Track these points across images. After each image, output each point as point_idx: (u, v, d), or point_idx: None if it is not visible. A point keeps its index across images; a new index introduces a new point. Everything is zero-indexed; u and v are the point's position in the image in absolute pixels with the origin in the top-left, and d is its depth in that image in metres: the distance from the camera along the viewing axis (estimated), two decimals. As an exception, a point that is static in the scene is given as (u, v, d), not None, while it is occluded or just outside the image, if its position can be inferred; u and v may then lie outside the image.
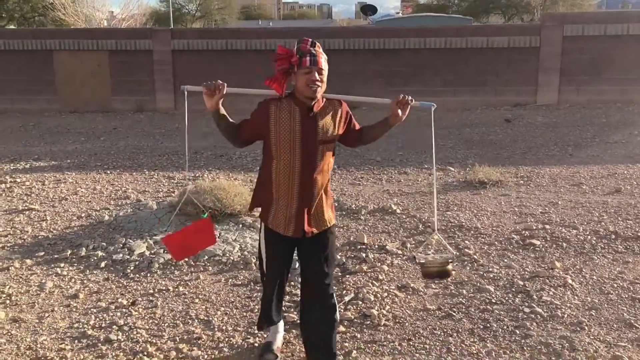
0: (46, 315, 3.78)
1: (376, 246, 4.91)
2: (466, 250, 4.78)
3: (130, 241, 4.98)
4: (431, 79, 13.49)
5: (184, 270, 4.46)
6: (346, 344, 3.36)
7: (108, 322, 3.67)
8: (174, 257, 3.07)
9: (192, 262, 4.58)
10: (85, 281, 4.31)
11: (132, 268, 4.50)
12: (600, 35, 12.99)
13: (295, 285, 4.04)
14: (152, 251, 4.79)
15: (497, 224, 5.43)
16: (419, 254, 3.02)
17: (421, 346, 3.35)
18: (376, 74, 13.44)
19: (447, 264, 2.98)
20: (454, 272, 3.81)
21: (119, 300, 3.98)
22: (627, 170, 7.37)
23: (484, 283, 4.15)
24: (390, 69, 13.54)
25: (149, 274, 4.40)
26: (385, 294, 4.00)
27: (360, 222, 5.53)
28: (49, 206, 6.21)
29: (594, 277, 4.23)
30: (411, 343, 3.39)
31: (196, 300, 3.97)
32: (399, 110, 2.88)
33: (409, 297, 3.98)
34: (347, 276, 4.31)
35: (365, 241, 4.98)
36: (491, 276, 4.28)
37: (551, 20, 13.37)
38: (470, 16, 24.77)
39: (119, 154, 9.05)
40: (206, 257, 4.65)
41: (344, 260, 4.58)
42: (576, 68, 13.15)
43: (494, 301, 3.88)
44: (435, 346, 3.35)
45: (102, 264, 4.57)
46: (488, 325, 3.57)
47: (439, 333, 3.49)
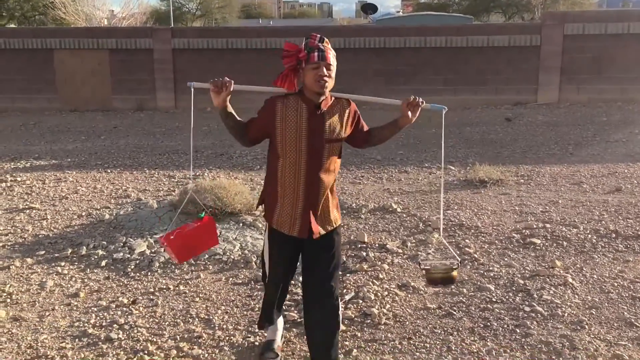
0: (47, 314, 3.78)
1: (376, 245, 4.91)
2: (466, 249, 4.78)
3: (131, 240, 4.99)
4: (432, 77, 13.48)
5: (185, 269, 4.47)
6: (347, 343, 3.36)
7: (109, 320, 3.68)
8: (175, 260, 3.00)
9: (192, 261, 4.58)
10: (85, 280, 4.31)
11: (132, 267, 4.50)
12: (600, 34, 12.98)
13: (294, 284, 4.04)
14: (153, 250, 4.79)
15: (497, 222, 5.43)
16: (424, 260, 3.00)
17: (421, 345, 3.35)
18: (377, 73, 13.44)
19: (452, 270, 2.92)
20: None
21: (120, 299, 3.98)
22: (628, 169, 7.37)
23: (485, 282, 4.15)
24: (390, 68, 13.53)
25: (149, 273, 4.40)
26: (386, 293, 4.00)
27: (361, 221, 5.54)
28: (49, 205, 6.21)
29: (595, 276, 4.23)
30: (411, 342, 3.39)
31: (197, 299, 3.98)
32: (409, 112, 2.83)
33: (409, 296, 3.98)
34: (348, 275, 4.31)
35: (366, 240, 4.98)
36: (491, 275, 4.28)
37: (552, 19, 13.36)
38: (471, 15, 24.77)
39: (120, 152, 9.05)
40: (206, 256, 4.66)
41: (344, 259, 4.58)
42: (577, 67, 13.14)
43: (494, 300, 3.88)
44: (436, 345, 3.35)
45: (103, 263, 4.58)
46: (488, 324, 3.57)
47: (439, 332, 3.49)
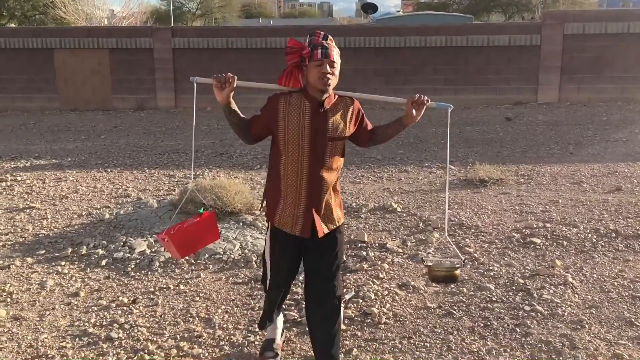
0: (47, 313, 3.78)
1: (377, 244, 4.91)
2: (467, 248, 4.78)
3: (131, 239, 4.99)
4: (432, 77, 13.49)
5: (185, 269, 4.47)
6: (347, 342, 3.36)
7: (109, 320, 3.68)
8: (176, 255, 2.95)
9: (192, 261, 4.58)
10: (86, 279, 4.31)
11: (132, 266, 4.51)
12: (601, 34, 12.99)
13: (294, 283, 4.03)
14: (153, 249, 4.79)
15: (497, 222, 5.43)
16: (427, 257, 2.98)
17: (421, 344, 3.35)
18: (377, 73, 13.45)
19: (455, 269, 2.90)
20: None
21: (120, 298, 3.98)
22: (628, 169, 7.37)
23: (485, 281, 4.15)
24: (390, 67, 13.54)
25: (149, 272, 4.40)
26: (386, 292, 4.00)
27: (361, 221, 5.54)
28: (49, 204, 6.21)
29: (595, 276, 4.23)
30: (412, 341, 3.39)
31: (197, 299, 3.98)
32: (414, 110, 2.80)
33: (409, 295, 3.98)
34: (348, 274, 4.31)
35: (366, 239, 4.98)
36: (491, 274, 4.28)
37: (552, 19, 13.37)
38: (471, 14, 24.75)
39: (120, 152, 9.05)
40: (207, 255, 4.66)
41: (344, 259, 4.59)
42: (577, 66, 13.15)
43: (494, 299, 3.88)
44: (436, 344, 3.35)
45: (103, 262, 4.58)
46: (488, 323, 3.57)
47: (439, 331, 3.49)
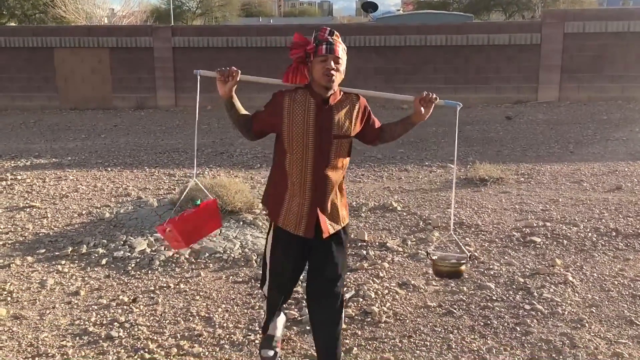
0: (47, 312, 3.79)
1: (377, 243, 4.91)
2: (467, 247, 4.78)
3: (131, 238, 4.99)
4: (432, 76, 13.49)
5: (185, 268, 4.47)
6: (347, 341, 3.36)
7: (109, 319, 3.68)
8: (179, 245, 2.88)
9: (192, 260, 4.58)
10: (86, 278, 4.31)
11: (133, 265, 4.51)
12: (601, 33, 12.98)
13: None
14: (153, 248, 4.79)
15: (497, 221, 5.43)
16: (433, 250, 2.95)
17: (422, 343, 3.35)
18: (377, 71, 13.45)
19: (460, 265, 2.86)
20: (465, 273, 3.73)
21: (120, 297, 3.99)
22: (628, 168, 7.37)
23: (485, 280, 4.15)
24: (391, 66, 13.54)
25: (149, 271, 4.40)
26: (386, 291, 4.00)
27: (361, 220, 5.54)
28: (49, 203, 6.21)
29: (595, 274, 4.23)
30: (412, 340, 3.39)
31: (197, 297, 3.98)
32: (422, 108, 2.76)
33: (409, 294, 3.98)
34: (348, 273, 4.30)
35: (366, 238, 4.98)
36: (492, 273, 4.28)
37: (552, 18, 13.36)
38: (471, 13, 24.73)
39: (120, 151, 9.05)
40: (207, 254, 4.66)
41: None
42: (577, 65, 13.15)
43: (494, 298, 3.88)
44: (436, 343, 3.35)
45: (103, 261, 4.58)
46: (489, 322, 3.57)
47: (439, 330, 3.49)
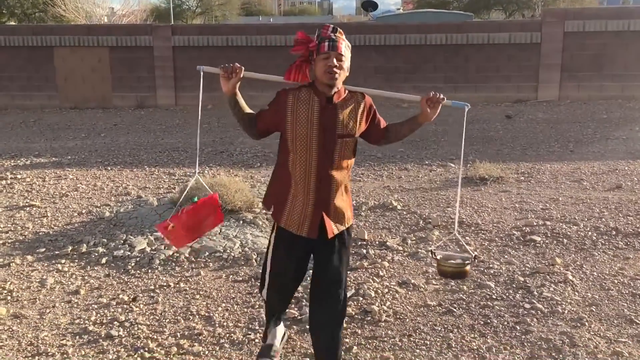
0: (47, 311, 3.79)
1: (377, 242, 4.91)
2: (467, 246, 4.77)
3: (131, 237, 4.99)
4: (432, 75, 13.49)
5: (185, 267, 4.47)
6: (347, 340, 3.36)
7: (109, 318, 3.68)
8: (182, 241, 2.84)
9: (192, 259, 4.58)
10: (86, 277, 4.32)
11: (133, 264, 4.50)
12: (601, 31, 12.98)
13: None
14: (153, 247, 4.79)
15: (497, 220, 5.43)
16: (437, 251, 2.92)
17: (422, 342, 3.36)
18: (377, 70, 13.45)
19: (464, 265, 2.83)
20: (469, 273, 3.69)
21: (120, 296, 3.99)
22: (628, 166, 7.37)
23: (485, 279, 4.15)
24: (390, 65, 13.54)
25: (149, 270, 4.40)
26: (386, 290, 4.00)
27: (361, 219, 5.53)
28: (49, 202, 6.21)
29: (595, 273, 4.23)
30: (412, 339, 3.39)
31: (197, 297, 3.98)
32: (428, 108, 2.72)
33: (409, 293, 3.98)
34: (348, 272, 4.30)
35: (366, 237, 4.98)
36: (492, 272, 4.28)
37: (552, 16, 13.36)
38: (471, 12, 24.71)
39: (120, 150, 9.05)
40: (207, 253, 4.66)
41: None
42: (577, 64, 13.14)
43: (494, 297, 3.89)
44: (436, 342, 3.35)
45: (103, 260, 4.58)
46: (488, 321, 3.57)
47: (439, 329, 3.49)
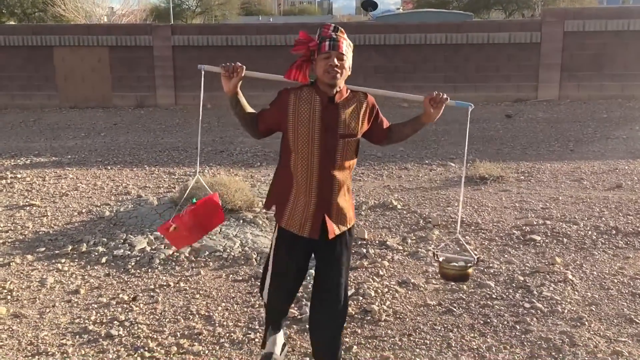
0: (47, 310, 3.79)
1: (377, 242, 4.91)
2: (467, 245, 4.77)
3: (131, 237, 4.99)
4: (432, 74, 13.48)
5: (185, 266, 4.47)
6: (347, 340, 3.36)
7: (109, 317, 3.68)
8: (185, 242, 2.87)
9: (192, 258, 4.58)
10: (86, 277, 4.31)
11: (133, 264, 4.50)
12: (601, 31, 12.98)
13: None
14: (153, 247, 4.79)
15: (497, 219, 5.43)
16: (440, 252, 2.90)
17: (421, 341, 3.36)
18: (377, 70, 13.44)
19: (467, 268, 2.81)
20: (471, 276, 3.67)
21: (120, 295, 3.99)
22: (628, 166, 7.37)
23: (485, 278, 4.15)
24: (390, 65, 13.53)
25: (149, 270, 4.40)
26: (386, 290, 4.00)
27: (361, 218, 5.53)
28: (49, 202, 6.21)
29: (595, 273, 4.24)
30: (411, 338, 3.39)
31: (197, 296, 3.98)
32: (431, 108, 2.69)
33: (409, 292, 3.98)
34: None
35: (366, 237, 4.98)
36: (491, 272, 4.28)
37: (552, 16, 13.35)
38: (471, 12, 24.71)
39: (120, 149, 9.05)
40: (207, 252, 4.66)
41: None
42: (577, 64, 13.14)
43: (494, 296, 3.89)
44: (436, 341, 3.35)
45: (103, 260, 4.58)
46: (488, 320, 3.57)
47: (439, 328, 3.49)
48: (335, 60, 2.58)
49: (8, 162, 8.22)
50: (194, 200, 2.86)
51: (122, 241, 4.91)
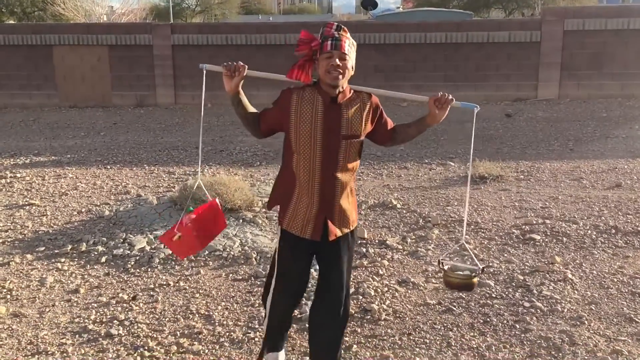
0: (47, 310, 3.79)
1: (376, 241, 4.91)
2: (467, 244, 4.77)
3: (131, 236, 4.99)
4: (432, 73, 13.48)
5: (185, 265, 4.47)
6: (347, 339, 3.36)
7: (109, 316, 3.68)
8: (191, 250, 2.84)
9: (192, 257, 4.58)
10: (85, 276, 4.32)
11: (132, 263, 4.51)
12: (601, 30, 12.97)
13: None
14: (153, 246, 4.79)
15: (497, 218, 5.43)
16: (445, 260, 2.86)
17: (421, 340, 3.36)
18: (377, 69, 13.43)
19: (472, 277, 2.75)
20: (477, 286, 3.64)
21: (120, 295, 3.99)
22: (628, 165, 7.37)
23: (484, 278, 4.15)
24: (390, 64, 13.52)
25: (149, 269, 4.40)
26: (386, 289, 4.00)
27: (361, 217, 5.53)
28: (49, 201, 6.21)
29: (594, 272, 4.24)
30: (411, 337, 3.39)
31: (197, 295, 3.98)
32: (436, 109, 2.66)
33: (409, 291, 3.98)
34: (348, 271, 4.31)
35: (366, 236, 4.98)
36: (491, 271, 4.28)
37: (552, 15, 13.34)
38: (471, 11, 24.68)
39: (119, 149, 9.05)
40: (207, 252, 4.66)
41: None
42: (577, 63, 13.13)
43: (494, 296, 3.89)
44: (435, 340, 3.35)
45: (103, 259, 4.58)
46: (488, 319, 3.58)
47: (439, 327, 3.50)
48: (337, 60, 2.54)
49: (7, 161, 8.22)
50: (191, 209, 2.83)
51: (121, 240, 4.91)
